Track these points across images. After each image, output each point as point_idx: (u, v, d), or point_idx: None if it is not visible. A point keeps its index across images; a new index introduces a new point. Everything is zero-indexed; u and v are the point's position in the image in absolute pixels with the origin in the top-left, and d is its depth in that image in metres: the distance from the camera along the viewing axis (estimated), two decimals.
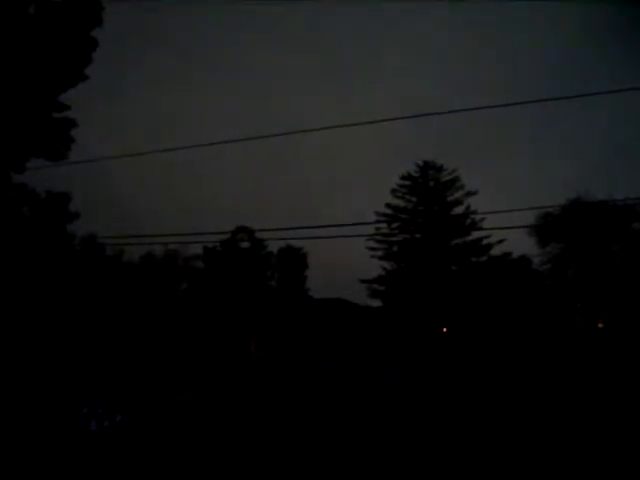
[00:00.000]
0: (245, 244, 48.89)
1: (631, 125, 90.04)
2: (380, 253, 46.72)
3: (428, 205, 46.34)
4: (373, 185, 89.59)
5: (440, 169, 46.96)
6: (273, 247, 50.86)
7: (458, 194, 46.14)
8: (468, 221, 45.58)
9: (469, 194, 45.63)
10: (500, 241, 43.32)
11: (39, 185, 24.27)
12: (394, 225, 48.07)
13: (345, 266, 53.68)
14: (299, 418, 21.63)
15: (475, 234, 44.61)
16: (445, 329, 39.58)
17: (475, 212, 44.30)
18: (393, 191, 47.04)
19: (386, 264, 47.03)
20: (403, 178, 47.20)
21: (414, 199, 46.75)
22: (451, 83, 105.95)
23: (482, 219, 43.60)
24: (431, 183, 46.95)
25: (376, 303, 45.83)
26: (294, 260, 52.19)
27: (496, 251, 44.17)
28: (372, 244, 45.96)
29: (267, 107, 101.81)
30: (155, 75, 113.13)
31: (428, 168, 47.21)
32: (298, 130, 15.11)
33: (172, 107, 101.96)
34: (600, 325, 38.03)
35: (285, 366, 27.77)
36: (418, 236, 46.37)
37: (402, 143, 75.82)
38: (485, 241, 44.21)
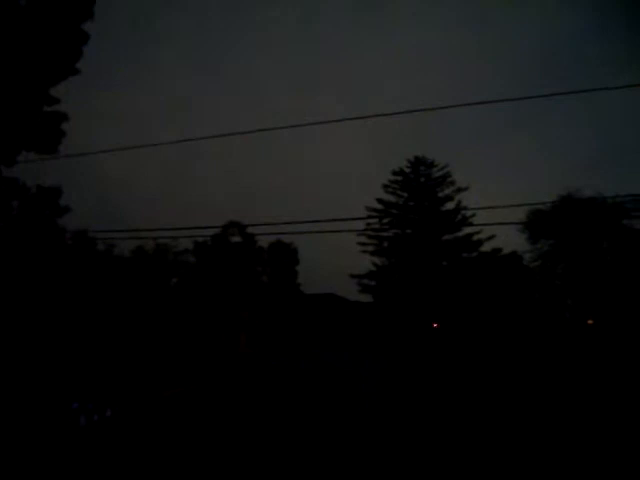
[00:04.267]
0: (236, 239, 48.85)
1: (622, 123, 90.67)
2: (371, 248, 46.74)
3: (419, 201, 46.32)
4: (365, 180, 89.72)
5: (431, 165, 46.96)
6: (263, 242, 50.96)
7: (449, 190, 46.17)
8: (459, 217, 45.65)
9: (460, 190, 45.70)
10: (490, 237, 43.50)
11: (29, 179, 24.14)
12: (385, 220, 48.12)
13: (336, 261, 53.86)
14: (287, 415, 21.66)
15: (466, 230, 44.76)
16: (435, 324, 39.67)
17: (466, 208, 44.46)
18: (384, 186, 47.04)
19: (377, 259, 47.14)
20: (394, 173, 47.15)
21: (405, 195, 46.73)
22: (449, 79, 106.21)
23: (473, 215, 43.61)
24: (422, 179, 46.96)
25: (367, 298, 45.98)
26: (285, 255, 52.20)
27: (486, 247, 44.34)
28: (363, 239, 46.06)
29: (262, 103, 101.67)
30: (149, 69, 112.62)
31: (419, 164, 47.18)
32: (290, 125, 15.02)
33: (166, 102, 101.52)
34: (590, 322, 38.24)
35: (274, 362, 27.76)
36: (409, 232, 46.32)
37: (393, 138, 75.94)
38: (476, 237, 44.30)
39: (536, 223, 39.88)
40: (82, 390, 20.53)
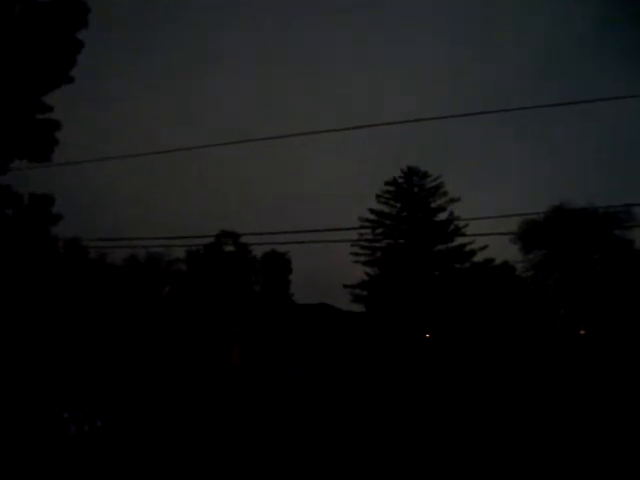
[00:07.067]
0: (229, 248, 48.75)
1: (615, 133, 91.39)
2: (363, 258, 46.76)
3: (412, 211, 46.39)
4: (358, 190, 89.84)
5: (424, 175, 47.04)
6: (257, 252, 50.82)
7: (442, 200, 46.29)
8: (451, 227, 45.77)
9: (453, 200, 45.80)
10: (483, 247, 43.57)
11: (22, 187, 24.03)
12: (378, 231, 48.11)
13: (329, 270, 53.79)
14: (279, 426, 21.56)
15: (458, 240, 44.84)
16: (428, 335, 39.63)
17: (458, 218, 44.57)
18: (377, 197, 47.11)
19: (369, 269, 47.12)
20: (387, 184, 47.24)
21: (398, 205, 46.80)
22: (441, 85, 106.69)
23: (465, 225, 43.77)
24: (415, 189, 47.05)
25: (359, 308, 45.89)
26: (278, 265, 52.10)
27: (479, 257, 44.45)
28: (356, 249, 46.03)
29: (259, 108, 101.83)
30: (140, 76, 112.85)
31: (412, 174, 47.27)
32: (284, 135, 15.04)
33: (157, 109, 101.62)
34: (582, 332, 38.32)
35: (267, 373, 27.64)
36: (402, 242, 46.43)
37: (387, 149, 76.22)
38: (468, 247, 44.37)
39: (529, 234, 40.02)
40: (73, 399, 20.40)
